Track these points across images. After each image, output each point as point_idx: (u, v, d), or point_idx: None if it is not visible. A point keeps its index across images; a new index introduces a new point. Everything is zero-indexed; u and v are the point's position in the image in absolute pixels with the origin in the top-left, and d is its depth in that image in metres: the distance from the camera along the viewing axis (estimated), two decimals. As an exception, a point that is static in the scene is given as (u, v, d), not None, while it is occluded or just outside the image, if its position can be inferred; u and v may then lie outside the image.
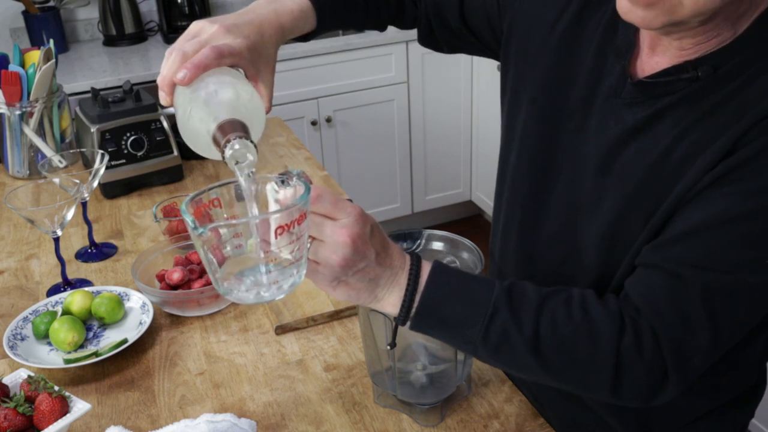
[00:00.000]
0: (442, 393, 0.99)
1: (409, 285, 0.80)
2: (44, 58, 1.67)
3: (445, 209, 3.43)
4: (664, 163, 0.83)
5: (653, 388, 0.81)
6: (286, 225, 0.69)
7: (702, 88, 0.81)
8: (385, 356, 0.96)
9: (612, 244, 0.89)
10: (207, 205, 0.75)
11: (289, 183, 0.74)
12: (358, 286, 0.79)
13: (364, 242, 0.76)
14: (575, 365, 0.81)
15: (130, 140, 1.64)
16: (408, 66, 2.95)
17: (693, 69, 0.81)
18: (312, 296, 1.24)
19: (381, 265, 0.79)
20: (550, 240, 0.98)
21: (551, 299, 0.82)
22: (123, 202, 1.65)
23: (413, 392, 0.98)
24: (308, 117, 2.87)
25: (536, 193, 1.00)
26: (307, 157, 1.83)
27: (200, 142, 0.77)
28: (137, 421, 1.03)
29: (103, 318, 1.20)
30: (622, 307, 0.81)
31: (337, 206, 0.75)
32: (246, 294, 0.74)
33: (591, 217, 0.92)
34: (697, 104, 0.82)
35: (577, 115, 0.94)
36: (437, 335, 0.84)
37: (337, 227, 0.75)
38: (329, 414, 1.02)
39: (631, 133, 0.87)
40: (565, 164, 0.95)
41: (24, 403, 0.96)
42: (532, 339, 0.80)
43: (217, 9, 3.14)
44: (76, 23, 2.99)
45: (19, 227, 1.56)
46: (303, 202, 0.70)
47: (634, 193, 0.86)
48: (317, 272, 0.77)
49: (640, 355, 0.79)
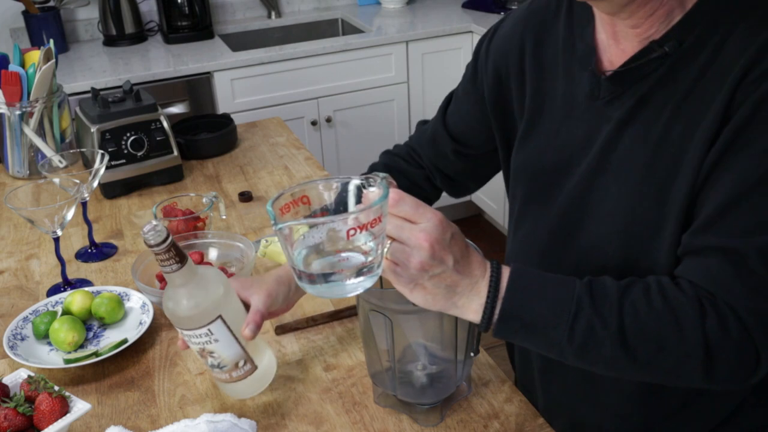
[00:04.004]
0: (442, 393, 0.99)
1: (489, 292, 0.80)
2: (44, 58, 1.67)
3: (445, 209, 3.42)
4: (662, 146, 0.85)
5: (747, 366, 0.81)
6: (364, 225, 0.72)
7: (674, 65, 0.84)
8: (385, 356, 0.96)
9: (628, 237, 0.89)
10: (297, 201, 0.78)
11: (372, 185, 0.77)
12: (435, 291, 0.79)
13: (442, 248, 0.77)
14: (664, 353, 0.80)
15: (130, 140, 1.64)
16: (408, 66, 2.95)
17: (659, 47, 0.84)
18: (312, 296, 1.24)
19: (459, 273, 0.79)
20: (561, 244, 0.99)
21: (630, 290, 0.82)
22: (123, 202, 1.65)
23: (413, 392, 0.98)
24: (308, 117, 2.87)
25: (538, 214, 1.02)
26: (307, 157, 1.83)
27: None
28: (137, 421, 1.03)
29: (103, 318, 1.20)
30: (699, 292, 0.81)
31: (418, 210, 0.77)
32: (321, 288, 0.76)
33: (595, 215, 0.93)
34: (676, 83, 0.84)
35: (563, 131, 0.97)
36: (522, 340, 0.84)
37: (416, 230, 0.76)
38: (329, 414, 1.02)
39: (621, 126, 0.89)
40: (563, 181, 0.97)
41: (24, 403, 0.96)
42: (618, 332, 0.80)
43: (217, 9, 3.15)
44: (76, 23, 2.99)
45: (19, 227, 1.56)
46: (381, 203, 0.73)
47: (640, 180, 0.87)
48: (394, 273, 0.78)
49: (727, 335, 0.79)
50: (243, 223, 1.54)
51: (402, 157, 1.23)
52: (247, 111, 2.72)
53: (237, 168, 1.79)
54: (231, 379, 0.99)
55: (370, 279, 0.76)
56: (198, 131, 1.93)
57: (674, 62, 0.84)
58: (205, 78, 2.67)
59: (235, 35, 3.10)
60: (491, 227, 3.42)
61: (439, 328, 0.94)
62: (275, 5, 3.20)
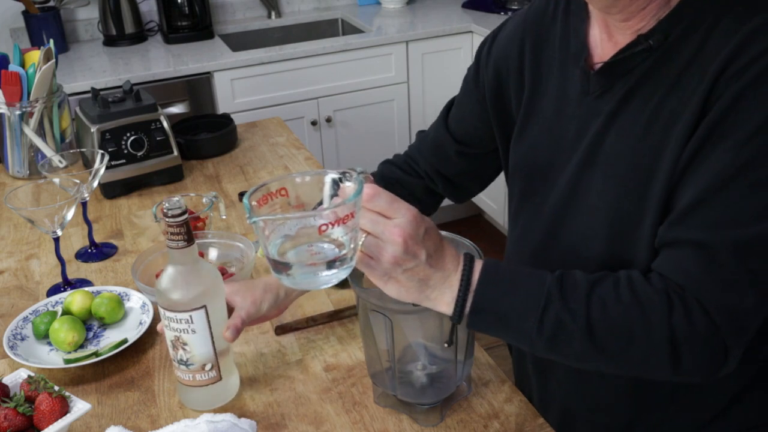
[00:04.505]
0: (442, 393, 0.99)
1: (461, 285, 0.82)
2: (44, 58, 1.67)
3: (445, 209, 3.42)
4: (646, 139, 0.86)
5: (715, 359, 0.81)
6: (338, 220, 0.74)
7: (659, 59, 0.85)
8: (385, 356, 0.96)
9: (612, 231, 0.90)
10: (274, 194, 0.80)
11: (348, 180, 0.79)
12: (408, 285, 0.81)
13: (415, 243, 0.79)
14: (631, 345, 0.81)
15: (130, 140, 1.64)
16: (408, 66, 2.95)
17: (645, 40, 0.85)
18: (312, 296, 1.24)
19: (432, 266, 0.81)
20: (551, 240, 0.99)
21: (599, 284, 0.83)
22: (123, 202, 1.65)
23: (413, 392, 0.98)
24: (308, 117, 2.87)
25: (532, 211, 1.03)
26: (307, 157, 1.83)
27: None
28: (137, 421, 1.03)
29: (103, 318, 1.20)
30: (669, 285, 0.82)
31: (393, 206, 0.78)
32: (296, 279, 0.78)
33: (582, 209, 0.94)
34: (660, 77, 0.85)
35: (556, 128, 0.97)
36: (495, 332, 0.85)
37: (390, 225, 0.78)
38: (329, 414, 1.02)
39: (609, 120, 0.90)
40: (556, 177, 0.98)
41: (24, 403, 0.96)
42: (585, 326, 0.81)
43: (217, 9, 3.15)
44: (76, 23, 2.99)
45: (19, 227, 1.56)
46: (354, 200, 0.75)
47: (624, 174, 0.88)
48: (368, 266, 0.80)
49: (693, 328, 0.79)
50: (243, 223, 1.54)
51: (399, 167, 1.24)
52: (247, 111, 2.72)
53: (237, 168, 1.79)
54: (193, 381, 1.01)
55: (344, 271, 0.78)
56: (198, 131, 1.93)
57: (659, 56, 0.85)
58: (205, 78, 2.67)
59: (235, 35, 3.10)
60: (491, 227, 3.42)
61: (438, 328, 0.94)
62: (275, 5, 3.20)
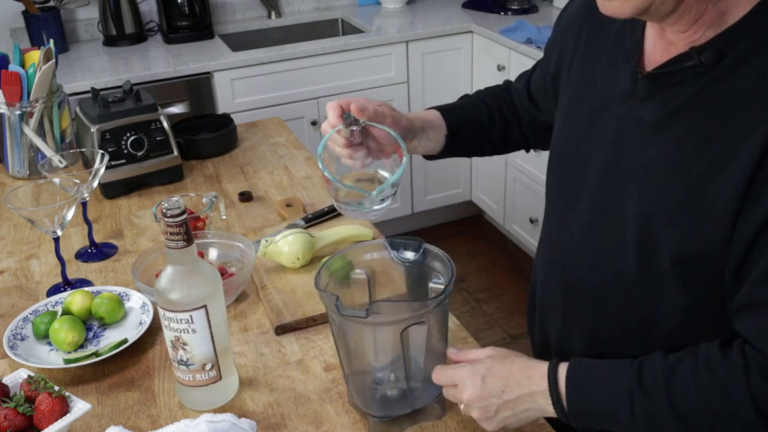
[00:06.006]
0: (394, 410, 0.98)
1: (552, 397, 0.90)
2: (44, 58, 1.67)
3: (445, 209, 3.42)
4: (692, 167, 0.83)
5: None
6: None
7: (715, 80, 0.81)
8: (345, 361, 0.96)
9: (647, 246, 0.89)
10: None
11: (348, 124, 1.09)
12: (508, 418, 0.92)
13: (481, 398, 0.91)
14: (720, 421, 0.83)
15: (130, 140, 1.64)
16: (408, 66, 2.95)
17: (697, 55, 0.82)
18: (312, 296, 1.24)
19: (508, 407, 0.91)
20: (576, 249, 0.99)
21: (677, 370, 0.85)
22: (123, 202, 1.65)
23: (365, 401, 0.99)
24: (308, 117, 2.87)
25: (563, 204, 1.02)
26: (307, 157, 1.83)
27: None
28: (137, 421, 1.03)
29: (103, 318, 1.20)
30: (747, 354, 0.82)
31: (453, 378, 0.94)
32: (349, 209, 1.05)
33: (617, 221, 0.92)
34: (716, 102, 0.81)
35: (598, 122, 0.95)
36: (602, 427, 0.90)
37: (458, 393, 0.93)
38: (329, 414, 1.02)
39: (652, 132, 0.87)
40: (588, 173, 0.96)
41: (24, 403, 0.96)
42: (672, 412, 0.84)
43: (217, 9, 3.15)
44: (76, 23, 2.99)
45: (19, 227, 1.56)
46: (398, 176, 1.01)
47: (663, 193, 0.86)
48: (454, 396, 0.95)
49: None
50: (243, 223, 1.54)
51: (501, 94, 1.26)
52: (247, 111, 2.72)
53: (237, 168, 1.79)
54: (193, 381, 1.01)
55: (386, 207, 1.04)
56: (198, 131, 1.93)
57: (715, 77, 0.81)
58: (205, 78, 2.67)
59: (235, 35, 3.10)
60: (491, 227, 3.42)
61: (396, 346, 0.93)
62: (275, 5, 3.20)
